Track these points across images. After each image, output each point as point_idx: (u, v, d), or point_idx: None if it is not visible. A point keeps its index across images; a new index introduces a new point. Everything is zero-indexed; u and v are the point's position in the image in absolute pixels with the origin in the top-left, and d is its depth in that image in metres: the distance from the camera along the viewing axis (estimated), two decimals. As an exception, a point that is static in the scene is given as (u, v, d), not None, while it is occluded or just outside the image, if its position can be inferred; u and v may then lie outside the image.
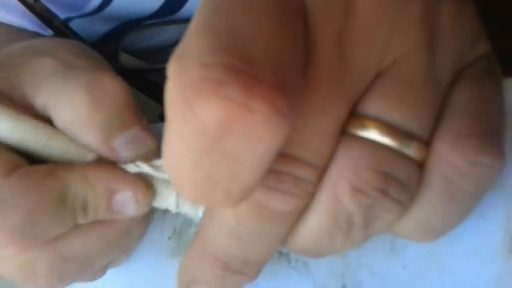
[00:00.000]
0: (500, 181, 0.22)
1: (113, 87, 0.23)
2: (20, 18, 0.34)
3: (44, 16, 0.32)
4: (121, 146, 0.23)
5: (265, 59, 0.14)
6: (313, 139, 0.16)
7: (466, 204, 0.18)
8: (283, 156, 0.16)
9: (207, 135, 0.14)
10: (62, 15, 0.35)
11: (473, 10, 0.19)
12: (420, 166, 0.17)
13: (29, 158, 0.23)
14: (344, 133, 0.17)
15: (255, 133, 0.14)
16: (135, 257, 0.27)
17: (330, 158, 0.17)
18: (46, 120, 0.23)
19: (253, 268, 0.19)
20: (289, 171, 0.16)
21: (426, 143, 0.17)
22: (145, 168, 0.23)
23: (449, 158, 0.17)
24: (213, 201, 0.16)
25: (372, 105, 0.17)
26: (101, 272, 0.26)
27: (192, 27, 0.15)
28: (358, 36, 0.16)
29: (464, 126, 0.17)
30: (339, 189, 0.17)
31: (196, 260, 0.19)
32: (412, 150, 0.17)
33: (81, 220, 0.23)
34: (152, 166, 0.23)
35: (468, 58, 0.18)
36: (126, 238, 0.24)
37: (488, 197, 0.22)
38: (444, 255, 0.22)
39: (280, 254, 0.25)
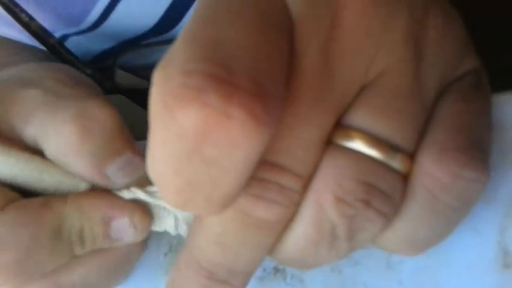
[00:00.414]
0: (493, 195, 0.22)
1: (103, 114, 0.23)
2: (19, 33, 0.34)
3: (40, 35, 0.32)
4: (114, 173, 0.22)
5: (246, 69, 0.15)
6: (298, 148, 0.16)
7: (450, 217, 0.18)
8: (268, 164, 0.16)
9: (186, 140, 0.14)
10: (60, 31, 0.35)
11: (461, 25, 0.19)
12: (405, 178, 0.17)
13: (23, 192, 0.23)
14: (329, 143, 0.17)
15: (233, 139, 0.14)
16: (131, 274, 0.27)
17: (315, 168, 0.17)
18: (36, 152, 0.23)
19: (239, 278, 0.19)
20: (274, 179, 0.17)
21: (411, 155, 0.17)
22: (139, 194, 0.23)
23: (432, 171, 0.17)
24: (194, 208, 0.16)
25: (358, 117, 0.17)
26: None
27: (180, 36, 0.16)
28: (343, 48, 0.17)
29: (448, 140, 0.17)
30: (323, 199, 0.17)
31: (183, 270, 0.19)
32: (396, 162, 0.17)
33: (79, 251, 0.22)
34: (147, 192, 0.23)
35: (455, 72, 0.19)
36: (126, 264, 0.24)
37: (481, 212, 0.22)
38: (439, 270, 0.23)
39: (276, 270, 0.25)
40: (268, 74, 0.15)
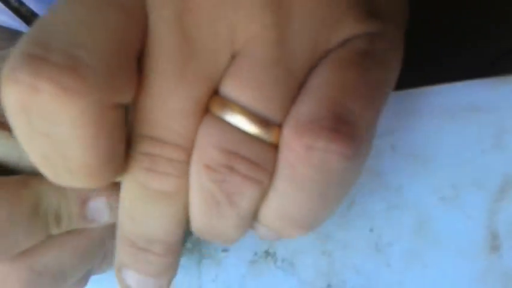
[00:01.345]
0: (483, 180, 0.22)
1: None
2: (12, 19, 0.33)
3: (30, 19, 0.32)
4: None
5: (63, 44, 0.15)
6: (172, 120, 0.17)
7: (317, 192, 0.17)
8: (149, 138, 0.17)
9: (16, 117, 0.15)
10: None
11: None
12: (276, 148, 0.17)
13: (1, 172, 0.22)
14: (207, 112, 0.17)
15: (49, 112, 0.15)
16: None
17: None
18: None
19: (160, 246, 0.19)
20: (158, 153, 0.17)
21: (280, 126, 0.17)
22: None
23: (290, 143, 0.17)
24: (64, 181, 0.17)
25: (227, 87, 0.17)
26: (79, 284, 0.25)
27: None
28: (199, 17, 0.16)
29: (309, 111, 0.17)
30: (197, 167, 0.17)
31: (118, 247, 0.20)
32: (262, 132, 0.17)
33: (54, 230, 0.22)
34: None
35: (335, 37, 0.17)
36: (100, 248, 0.24)
37: (470, 196, 0.22)
38: (428, 253, 0.23)
39: (267, 254, 0.25)
40: (92, 47, 0.15)
